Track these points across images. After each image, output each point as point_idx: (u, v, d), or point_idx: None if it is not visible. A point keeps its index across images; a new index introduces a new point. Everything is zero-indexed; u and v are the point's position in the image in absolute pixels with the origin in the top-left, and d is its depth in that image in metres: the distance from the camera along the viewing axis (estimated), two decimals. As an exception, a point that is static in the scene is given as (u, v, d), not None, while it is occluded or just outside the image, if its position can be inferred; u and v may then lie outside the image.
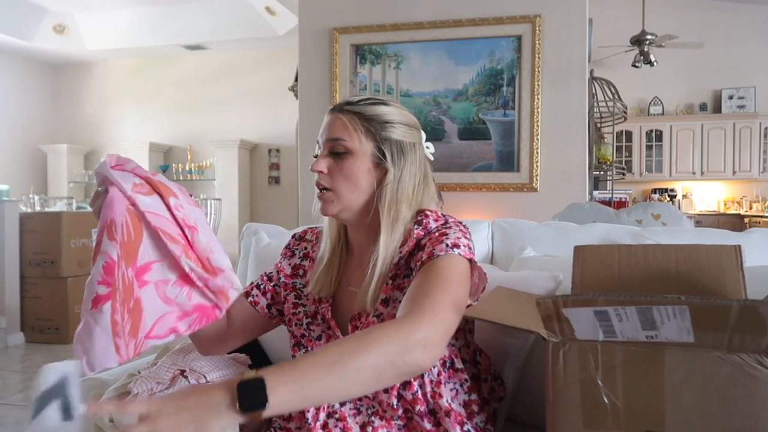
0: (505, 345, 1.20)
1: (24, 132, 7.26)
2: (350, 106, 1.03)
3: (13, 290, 4.18)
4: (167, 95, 7.26)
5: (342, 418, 1.00)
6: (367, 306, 0.98)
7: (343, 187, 1.01)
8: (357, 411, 1.00)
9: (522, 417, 1.25)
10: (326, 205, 1.03)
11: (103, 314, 0.82)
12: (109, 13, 6.39)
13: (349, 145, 1.01)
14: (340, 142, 1.01)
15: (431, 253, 0.95)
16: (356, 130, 1.01)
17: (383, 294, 0.99)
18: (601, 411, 0.79)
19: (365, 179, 1.02)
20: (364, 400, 1.00)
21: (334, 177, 1.02)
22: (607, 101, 4.33)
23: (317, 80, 3.67)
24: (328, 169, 1.02)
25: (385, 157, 1.01)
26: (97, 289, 0.83)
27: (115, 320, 0.82)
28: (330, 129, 1.03)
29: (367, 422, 0.98)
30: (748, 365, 0.73)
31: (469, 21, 3.44)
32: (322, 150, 1.03)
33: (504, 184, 3.44)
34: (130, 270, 0.84)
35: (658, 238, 1.44)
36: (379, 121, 1.02)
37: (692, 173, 7.18)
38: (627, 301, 0.75)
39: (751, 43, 6.99)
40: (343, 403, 1.00)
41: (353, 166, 1.01)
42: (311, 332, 1.06)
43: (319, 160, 1.03)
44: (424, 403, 0.98)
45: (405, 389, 0.97)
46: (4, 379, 3.41)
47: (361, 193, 1.02)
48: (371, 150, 1.02)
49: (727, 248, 0.95)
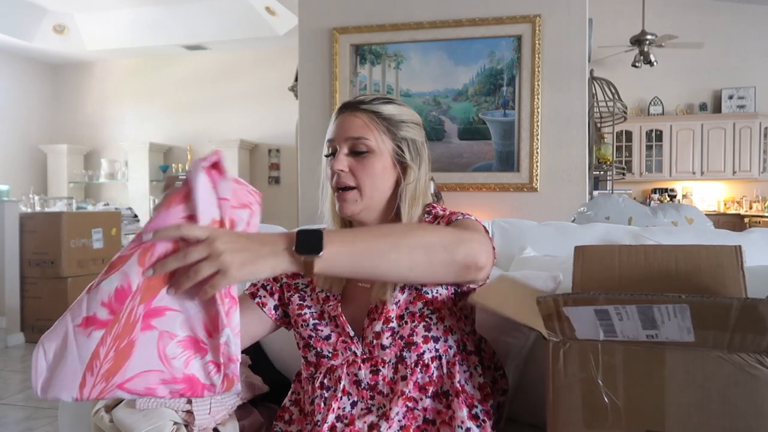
0: (505, 345, 1.20)
1: (24, 132, 7.26)
2: (366, 105, 1.04)
3: (13, 290, 4.18)
4: (167, 95, 7.26)
5: (351, 422, 0.98)
6: (387, 295, 0.99)
7: (368, 185, 1.03)
8: (368, 410, 0.99)
9: (522, 417, 1.24)
10: (348, 204, 1.03)
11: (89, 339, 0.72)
12: (109, 13, 6.39)
13: (371, 144, 1.02)
14: (362, 141, 1.02)
15: (449, 220, 1.02)
16: (377, 129, 1.03)
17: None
18: (602, 410, 0.79)
19: (387, 177, 1.05)
20: (377, 398, 0.99)
21: (358, 175, 1.03)
22: (607, 101, 4.33)
23: (317, 80, 3.67)
24: (349, 167, 1.03)
25: (404, 156, 1.05)
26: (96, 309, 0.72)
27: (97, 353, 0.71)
28: (349, 127, 1.03)
29: (375, 424, 0.97)
30: (748, 365, 0.73)
31: (469, 21, 3.44)
32: (340, 149, 1.03)
33: (504, 184, 3.43)
34: (142, 307, 0.74)
35: (658, 238, 1.45)
36: (395, 121, 1.05)
37: (692, 173, 7.18)
38: (627, 300, 0.75)
39: (751, 43, 6.99)
40: (354, 404, 1.00)
41: (376, 164, 1.03)
42: (319, 332, 1.05)
43: (340, 158, 1.03)
44: (438, 384, 0.99)
45: (423, 373, 0.99)
46: (4, 379, 3.41)
47: (384, 191, 1.05)
48: (391, 149, 1.04)
49: (727, 248, 0.95)
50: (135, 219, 5.80)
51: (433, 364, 0.99)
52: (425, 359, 0.99)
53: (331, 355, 1.03)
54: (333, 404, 0.99)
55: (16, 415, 2.82)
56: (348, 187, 1.03)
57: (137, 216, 5.88)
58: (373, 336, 1.00)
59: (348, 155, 1.03)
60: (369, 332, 1.01)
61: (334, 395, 1.00)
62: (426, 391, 0.98)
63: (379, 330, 1.00)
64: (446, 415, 0.97)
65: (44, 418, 2.78)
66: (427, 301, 1.00)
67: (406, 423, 0.96)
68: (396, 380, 0.99)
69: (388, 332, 1.00)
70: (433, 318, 1.00)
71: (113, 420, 1.06)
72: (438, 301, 1.01)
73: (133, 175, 7.08)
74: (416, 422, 0.97)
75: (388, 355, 1.00)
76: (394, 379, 0.99)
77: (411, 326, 1.00)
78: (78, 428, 1.25)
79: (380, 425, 0.96)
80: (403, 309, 1.00)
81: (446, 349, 1.01)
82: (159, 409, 1.05)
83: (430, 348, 1.00)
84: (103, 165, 7.21)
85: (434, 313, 1.01)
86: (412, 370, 0.98)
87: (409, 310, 1.00)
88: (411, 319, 1.00)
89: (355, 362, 1.01)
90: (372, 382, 1.00)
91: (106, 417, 1.07)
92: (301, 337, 1.08)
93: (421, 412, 0.98)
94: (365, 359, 1.01)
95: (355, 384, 1.00)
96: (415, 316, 1.00)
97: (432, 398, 0.98)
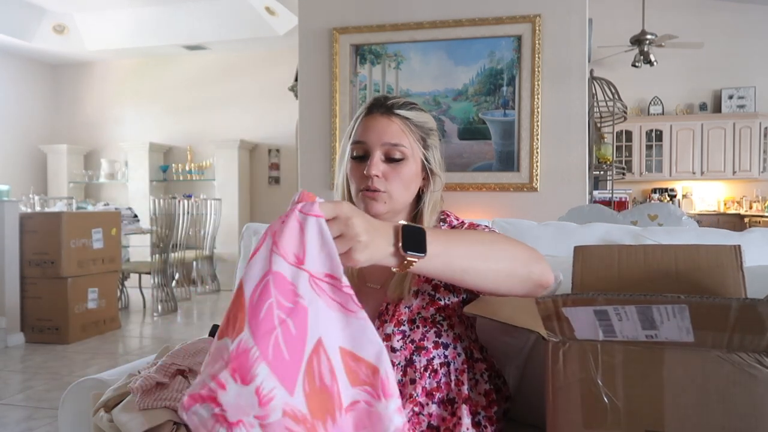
0: (505, 345, 1.21)
1: (24, 132, 7.26)
2: (400, 110, 1.05)
3: (13, 290, 4.18)
4: (167, 95, 7.26)
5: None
6: (404, 294, 1.00)
7: (398, 190, 1.04)
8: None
9: (522, 417, 1.24)
10: (377, 204, 1.04)
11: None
12: (109, 13, 6.39)
13: (407, 151, 1.04)
14: (399, 147, 1.03)
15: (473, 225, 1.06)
16: (411, 136, 1.05)
17: (415, 286, 1.02)
18: (601, 411, 0.79)
19: (415, 183, 1.07)
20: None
21: (390, 180, 1.04)
22: (607, 101, 4.32)
23: (317, 80, 3.67)
24: (383, 173, 1.03)
25: (431, 164, 1.07)
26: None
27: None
28: (384, 132, 1.03)
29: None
30: (747, 365, 0.73)
31: (469, 21, 3.44)
32: (374, 153, 1.03)
33: (504, 184, 3.43)
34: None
35: (659, 238, 1.45)
36: (426, 129, 1.07)
37: (692, 173, 7.18)
38: (626, 300, 0.75)
39: (751, 43, 6.98)
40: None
41: (409, 170, 1.04)
42: None
43: (376, 163, 1.03)
44: (444, 391, 1.00)
45: (431, 378, 0.99)
46: (4, 379, 3.41)
47: (409, 196, 1.07)
48: (420, 156, 1.06)
49: (727, 248, 0.95)
50: (135, 219, 5.81)
51: (442, 370, 1.00)
52: (434, 364, 1.00)
53: None
54: None
55: (16, 415, 2.82)
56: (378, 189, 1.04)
57: (137, 216, 5.89)
58: (383, 338, 1.01)
59: (383, 161, 1.03)
60: (379, 333, 1.01)
61: None
62: (432, 397, 0.99)
63: (389, 332, 1.00)
64: (450, 422, 0.98)
65: (44, 418, 2.78)
66: (439, 307, 1.01)
67: (410, 428, 0.97)
68: (404, 383, 0.99)
69: (399, 335, 1.00)
70: (444, 325, 1.02)
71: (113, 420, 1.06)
72: (449, 309, 1.02)
73: (133, 175, 7.08)
74: (420, 427, 0.98)
75: (398, 357, 1.00)
76: (402, 382, 1.00)
77: (422, 331, 1.01)
78: (78, 428, 1.25)
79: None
80: (414, 313, 1.01)
81: (455, 356, 1.02)
82: (159, 409, 1.05)
83: (440, 354, 1.00)
84: (103, 165, 7.21)
85: (445, 320, 1.02)
86: (421, 374, 0.99)
87: (421, 315, 1.01)
88: (423, 323, 1.01)
89: None
90: None
91: (105, 417, 1.07)
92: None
93: (426, 417, 0.98)
94: None
95: None
96: (427, 321, 1.01)
97: (438, 404, 0.99)
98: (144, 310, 5.58)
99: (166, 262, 5.46)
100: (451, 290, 1.04)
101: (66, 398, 1.28)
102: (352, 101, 3.61)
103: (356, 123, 1.07)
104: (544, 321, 0.81)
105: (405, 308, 1.00)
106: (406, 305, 1.00)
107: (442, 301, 1.01)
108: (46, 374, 3.49)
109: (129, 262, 5.81)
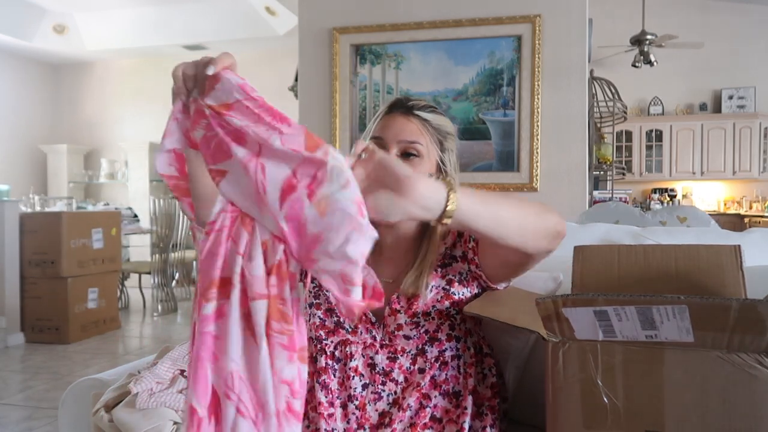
0: (506, 345, 1.21)
1: (24, 132, 7.26)
2: (419, 112, 1.06)
3: (13, 290, 4.18)
4: (167, 95, 7.13)
5: (361, 407, 1.01)
6: (420, 289, 1.01)
7: None
8: (378, 396, 1.02)
9: (522, 417, 1.24)
10: None
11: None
12: (109, 13, 6.39)
13: (422, 149, 1.05)
14: (416, 146, 1.04)
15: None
16: (429, 137, 1.06)
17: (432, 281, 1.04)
18: (601, 411, 0.79)
19: None
20: (389, 385, 1.02)
21: None
22: (607, 101, 4.32)
23: (317, 80, 3.67)
24: None
25: (447, 167, 1.08)
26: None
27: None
28: (402, 130, 1.04)
29: (386, 412, 1.00)
30: (748, 365, 0.73)
31: (469, 21, 3.44)
32: (390, 149, 1.04)
33: (504, 184, 3.43)
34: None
35: (658, 238, 1.44)
36: (443, 132, 1.08)
37: (692, 173, 7.18)
38: (626, 301, 0.75)
39: (751, 43, 6.98)
40: (365, 386, 1.02)
41: (423, 169, 1.05)
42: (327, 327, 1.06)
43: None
44: (452, 383, 1.02)
45: (441, 370, 1.01)
46: (4, 379, 3.41)
47: None
48: (436, 158, 1.07)
49: (727, 248, 0.95)
50: (135, 219, 5.81)
51: (453, 362, 1.02)
52: (446, 356, 1.02)
53: (351, 331, 1.04)
54: (346, 382, 1.02)
55: (16, 415, 2.82)
56: None
57: (137, 216, 5.89)
58: (395, 327, 1.02)
59: (398, 157, 1.04)
60: (391, 322, 1.03)
61: (346, 373, 1.02)
62: (439, 389, 1.01)
63: (402, 322, 1.02)
64: (454, 414, 1.00)
65: (44, 418, 2.78)
66: (453, 301, 1.03)
67: (416, 420, 0.98)
68: (413, 371, 1.02)
69: (413, 325, 1.02)
70: (457, 318, 1.04)
71: (113, 420, 1.06)
72: (463, 303, 1.04)
73: (133, 175, 7.08)
74: (424, 419, 0.99)
75: (410, 345, 1.02)
76: (411, 370, 1.02)
77: (437, 322, 1.02)
78: (78, 428, 1.25)
79: (392, 413, 0.99)
80: (430, 306, 1.02)
81: (465, 349, 1.04)
82: (159, 409, 1.05)
83: (452, 346, 1.03)
84: (103, 165, 7.21)
85: (459, 314, 1.04)
86: (431, 365, 1.01)
87: (436, 308, 1.03)
88: (438, 315, 1.03)
89: (373, 345, 1.03)
90: (387, 368, 1.02)
91: (105, 417, 1.07)
92: (327, 300, 1.07)
93: (431, 409, 1.00)
94: (384, 345, 1.03)
95: (370, 367, 1.03)
96: (443, 314, 1.03)
97: (443, 396, 1.01)
98: (144, 310, 5.58)
99: (166, 261, 5.46)
100: (465, 284, 1.05)
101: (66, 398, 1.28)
102: (352, 101, 3.60)
103: (376, 121, 1.08)
104: (544, 321, 0.81)
105: (421, 302, 1.02)
106: (423, 300, 1.02)
107: (456, 296, 1.03)
108: (46, 374, 3.49)
109: (129, 262, 5.81)
